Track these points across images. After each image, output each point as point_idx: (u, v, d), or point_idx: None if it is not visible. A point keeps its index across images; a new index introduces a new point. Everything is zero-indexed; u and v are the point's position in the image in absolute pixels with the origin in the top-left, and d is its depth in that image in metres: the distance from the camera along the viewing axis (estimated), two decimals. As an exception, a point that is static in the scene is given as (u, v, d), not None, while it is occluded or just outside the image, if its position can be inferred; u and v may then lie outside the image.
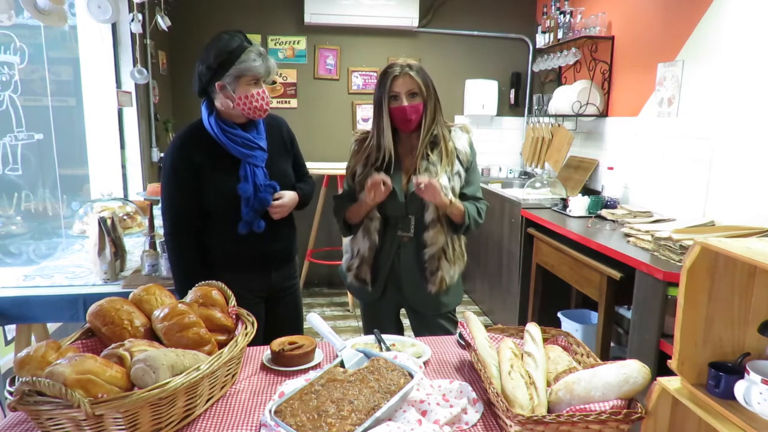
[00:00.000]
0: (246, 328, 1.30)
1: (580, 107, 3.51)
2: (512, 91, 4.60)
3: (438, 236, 1.82)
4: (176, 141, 1.78)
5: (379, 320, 1.98)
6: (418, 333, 1.95)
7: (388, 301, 1.95)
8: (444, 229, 1.82)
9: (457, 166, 1.82)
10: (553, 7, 3.83)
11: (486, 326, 1.36)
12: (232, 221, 1.78)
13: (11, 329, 2.25)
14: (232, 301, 1.40)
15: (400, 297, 1.93)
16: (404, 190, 1.82)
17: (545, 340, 1.35)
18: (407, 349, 1.45)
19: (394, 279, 1.90)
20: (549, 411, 1.09)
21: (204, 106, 1.77)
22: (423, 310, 1.92)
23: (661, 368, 1.97)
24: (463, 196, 1.85)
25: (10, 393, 0.97)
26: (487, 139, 4.64)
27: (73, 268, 2.21)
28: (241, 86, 1.68)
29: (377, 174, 1.73)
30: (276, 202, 1.81)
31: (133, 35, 3.30)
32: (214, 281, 1.45)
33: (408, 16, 4.27)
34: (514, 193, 3.64)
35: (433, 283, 1.84)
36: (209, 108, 1.76)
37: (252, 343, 1.35)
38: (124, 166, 3.43)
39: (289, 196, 1.84)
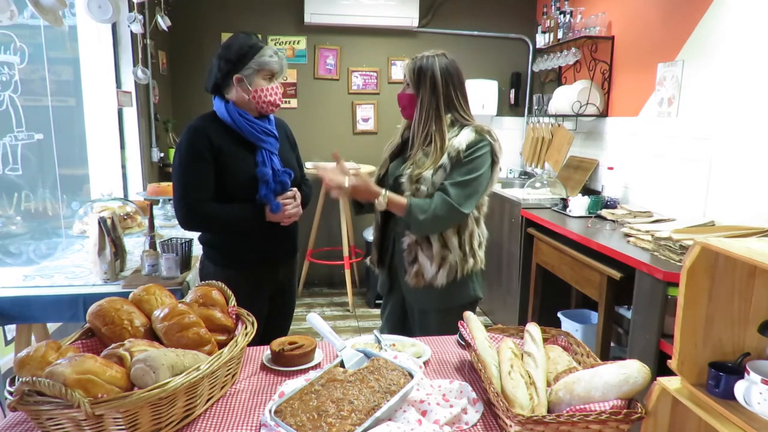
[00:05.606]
0: (246, 328, 1.30)
1: (580, 107, 3.51)
2: (512, 91, 4.60)
3: None
4: (192, 126, 1.78)
5: (393, 313, 2.00)
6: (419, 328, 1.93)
7: (397, 293, 1.95)
8: None
9: (444, 159, 1.72)
10: (553, 7, 3.83)
11: (486, 326, 1.36)
12: None
13: (11, 329, 2.25)
14: (232, 301, 1.40)
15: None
16: None
17: (545, 340, 1.35)
18: (407, 349, 1.45)
19: (395, 264, 1.91)
20: (549, 411, 1.09)
21: (217, 99, 1.82)
22: (410, 300, 1.92)
23: (661, 368, 1.97)
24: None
25: (10, 393, 0.97)
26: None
27: (73, 268, 2.21)
28: (257, 80, 1.76)
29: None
30: (290, 208, 1.84)
31: (133, 35, 3.30)
32: (213, 281, 1.45)
33: (408, 16, 4.27)
34: (514, 193, 3.64)
35: (410, 275, 1.82)
36: (223, 99, 1.81)
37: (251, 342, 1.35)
38: (124, 166, 3.43)
39: (299, 197, 1.90)
